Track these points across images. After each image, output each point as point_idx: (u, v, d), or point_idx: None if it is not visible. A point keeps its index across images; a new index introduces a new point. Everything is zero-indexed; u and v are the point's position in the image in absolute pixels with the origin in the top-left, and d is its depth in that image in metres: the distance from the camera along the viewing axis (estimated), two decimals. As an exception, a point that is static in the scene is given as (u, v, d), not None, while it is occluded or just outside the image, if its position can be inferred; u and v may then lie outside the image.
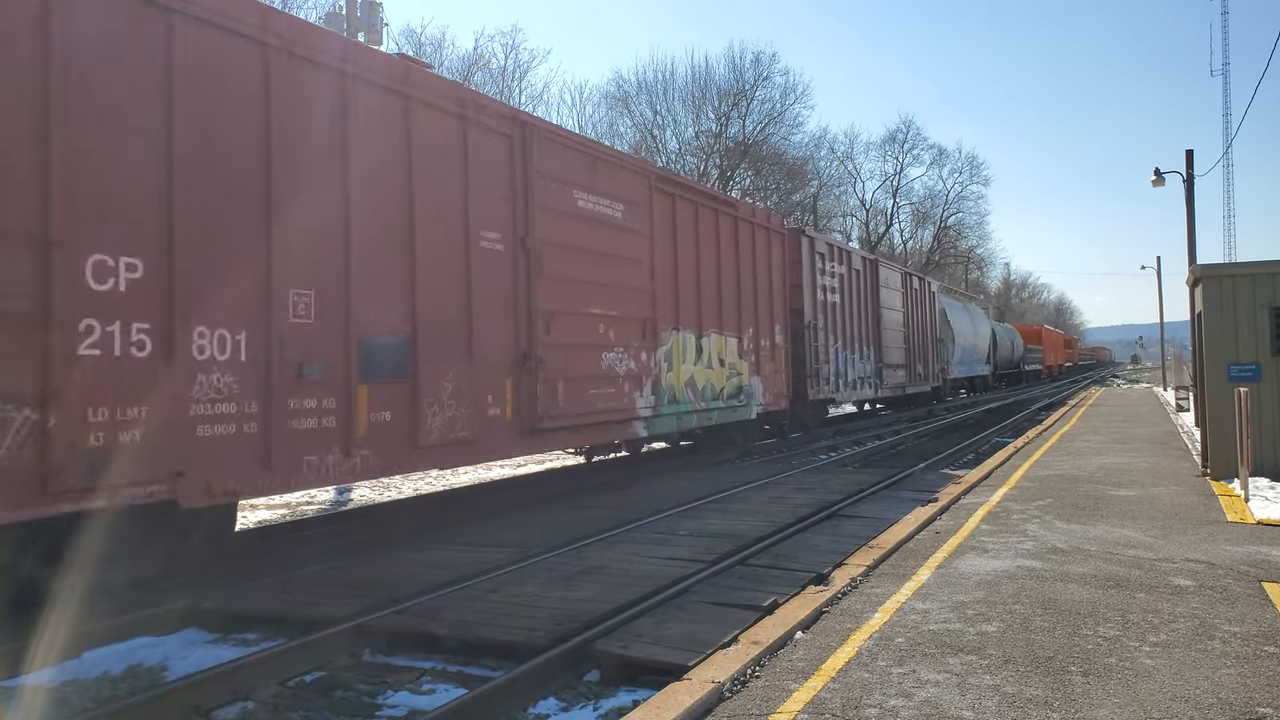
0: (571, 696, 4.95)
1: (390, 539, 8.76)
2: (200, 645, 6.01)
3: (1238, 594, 5.86)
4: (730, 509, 10.02)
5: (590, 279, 11.03)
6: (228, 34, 6.74)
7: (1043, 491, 10.37)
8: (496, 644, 5.48)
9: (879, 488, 11.51)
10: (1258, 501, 9.14)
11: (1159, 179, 25.40)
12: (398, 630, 5.80)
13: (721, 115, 44.78)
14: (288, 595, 6.68)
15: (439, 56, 35.30)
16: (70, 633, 5.57)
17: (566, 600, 6.22)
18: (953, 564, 6.81)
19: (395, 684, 5.18)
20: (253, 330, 6.81)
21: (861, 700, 4.18)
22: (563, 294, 10.44)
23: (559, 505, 10.65)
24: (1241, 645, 4.86)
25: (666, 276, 12.90)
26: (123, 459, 5.84)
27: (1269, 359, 10.69)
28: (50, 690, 5.11)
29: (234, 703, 4.94)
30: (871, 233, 61.83)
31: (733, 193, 41.63)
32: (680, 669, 4.73)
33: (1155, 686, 4.29)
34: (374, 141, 8.04)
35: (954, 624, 5.30)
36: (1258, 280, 10.83)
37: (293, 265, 7.16)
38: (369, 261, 7.89)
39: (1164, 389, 38.00)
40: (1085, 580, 6.26)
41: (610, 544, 8.18)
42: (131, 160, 6.07)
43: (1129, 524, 8.31)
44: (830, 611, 5.65)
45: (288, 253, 7.10)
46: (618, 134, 42.89)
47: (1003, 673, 4.51)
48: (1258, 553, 7.03)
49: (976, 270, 78.76)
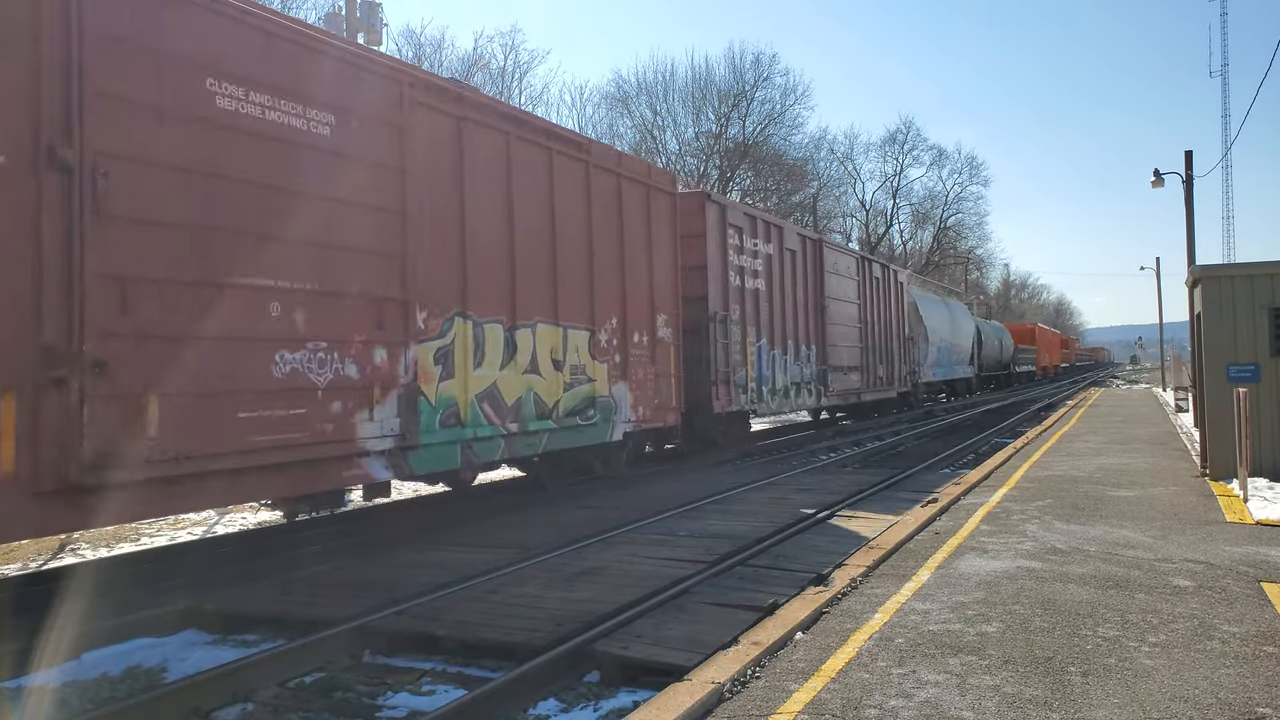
0: (572, 697, 4.96)
1: (390, 540, 8.77)
2: (200, 646, 6.01)
3: (1237, 594, 5.87)
4: (730, 509, 10.02)
5: (248, 228, 6.82)
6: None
7: (1042, 492, 10.37)
8: (496, 645, 5.49)
9: (879, 488, 11.52)
10: (1256, 502, 9.15)
11: (1158, 180, 25.42)
12: (398, 631, 5.80)
13: (721, 116, 44.79)
14: (287, 596, 6.69)
15: (439, 57, 35.32)
16: (70, 634, 5.57)
17: (567, 601, 6.23)
18: (953, 564, 6.81)
19: (395, 685, 5.18)
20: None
21: (862, 701, 4.18)
22: (169, 250, 6.24)
23: (559, 506, 10.66)
24: (1240, 645, 4.86)
25: (442, 237, 8.79)
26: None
27: (1268, 360, 10.70)
28: (50, 691, 5.11)
29: (234, 704, 4.94)
30: (871, 233, 61.84)
31: (732, 193, 41.66)
32: (680, 670, 4.73)
33: (1154, 687, 4.29)
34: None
35: (954, 624, 5.31)
36: (1257, 281, 10.83)
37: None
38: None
39: (1163, 390, 38.00)
40: (1085, 581, 6.27)
41: (610, 545, 8.18)
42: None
43: (1128, 524, 8.31)
44: (830, 612, 5.65)
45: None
46: (618, 134, 42.93)
47: (1003, 673, 4.51)
48: (1257, 553, 7.04)
49: (976, 271, 78.77)
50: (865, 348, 21.83)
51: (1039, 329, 62.98)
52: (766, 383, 16.39)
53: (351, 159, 7.82)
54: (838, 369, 19.97)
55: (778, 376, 16.95)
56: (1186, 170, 24.45)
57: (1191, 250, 23.34)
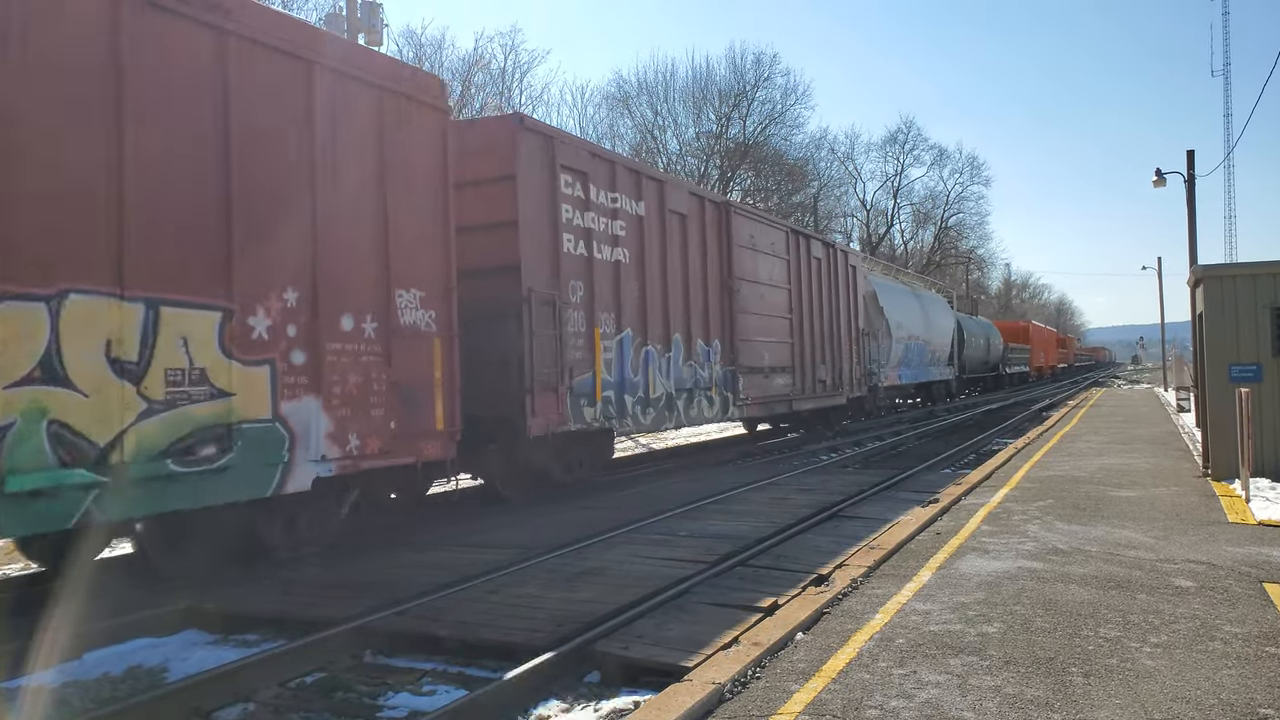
0: (572, 698, 4.95)
1: (390, 540, 8.76)
2: (201, 646, 6.01)
3: (1239, 595, 5.86)
4: (731, 510, 10.02)
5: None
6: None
7: (1044, 492, 10.36)
8: (497, 645, 5.48)
9: (880, 488, 11.51)
10: (1259, 502, 9.14)
11: (1160, 180, 25.42)
12: (398, 631, 5.80)
13: (722, 116, 44.82)
14: (288, 596, 6.69)
15: (439, 58, 35.30)
16: (71, 633, 5.58)
17: (567, 601, 6.22)
18: (954, 565, 6.80)
19: (396, 685, 5.18)
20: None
21: (862, 701, 4.18)
22: None
23: (559, 506, 10.65)
24: (1243, 646, 4.85)
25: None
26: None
27: (1270, 359, 10.68)
28: (51, 691, 5.11)
29: (235, 704, 4.94)
30: (872, 233, 61.87)
31: (733, 194, 41.64)
32: (681, 670, 4.73)
33: (1156, 687, 4.28)
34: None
35: (955, 625, 5.30)
36: (1259, 280, 10.82)
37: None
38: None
39: (1165, 390, 37.98)
40: (1086, 581, 6.26)
41: (611, 545, 8.18)
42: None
43: (1130, 525, 8.30)
44: (831, 612, 5.65)
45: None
46: (618, 134, 42.95)
47: (1004, 674, 4.51)
48: (1259, 553, 7.03)
49: (977, 271, 78.79)
50: (800, 344, 17.62)
51: (1033, 326, 59.80)
52: (634, 390, 12.08)
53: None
54: (755, 370, 15.69)
55: (654, 381, 12.57)
56: (1188, 170, 24.45)
57: (1193, 250, 23.33)
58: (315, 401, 7.45)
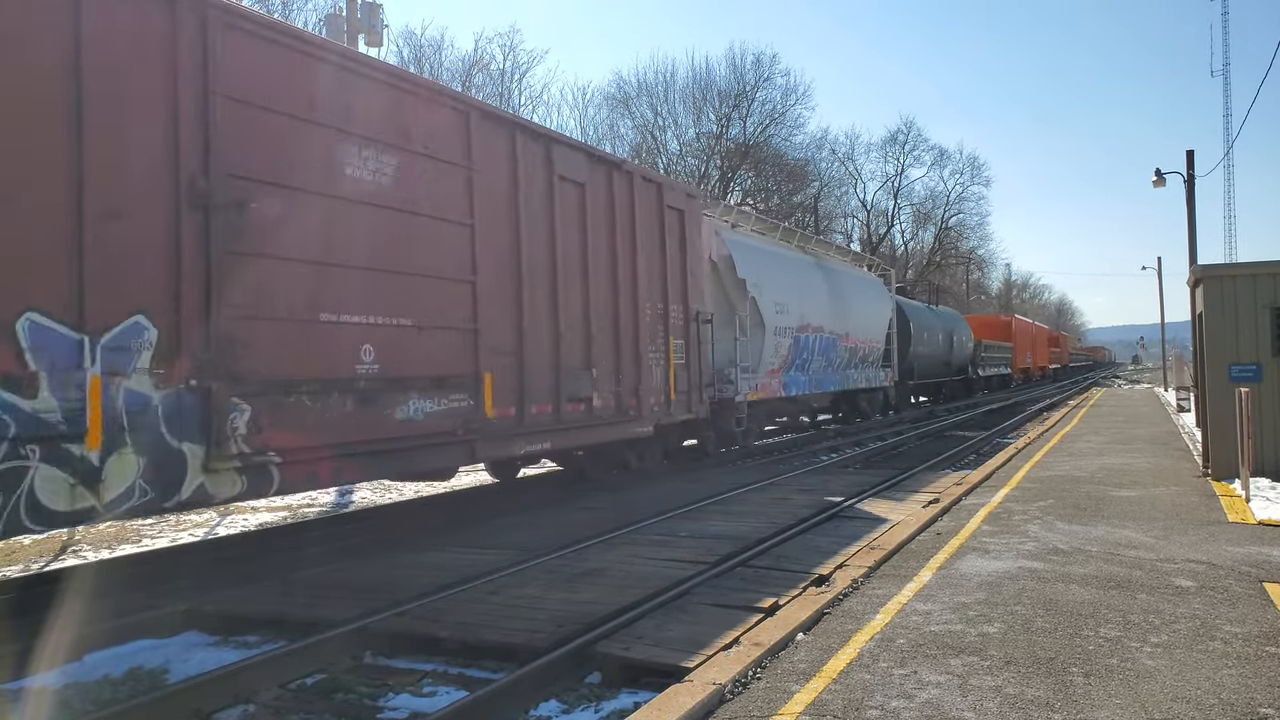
0: (573, 698, 4.95)
1: (391, 541, 8.77)
2: (201, 648, 6.01)
3: (1239, 594, 5.86)
4: (731, 510, 10.02)
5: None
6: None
7: (1044, 492, 10.36)
8: (498, 646, 5.48)
9: (880, 488, 11.51)
10: (1259, 502, 9.14)
11: (1160, 179, 25.43)
12: (399, 632, 5.79)
13: (722, 116, 44.85)
14: (288, 597, 6.68)
15: (438, 58, 35.33)
16: (72, 635, 5.58)
17: (568, 602, 6.22)
18: (954, 565, 6.80)
19: (396, 686, 5.18)
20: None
21: (863, 702, 4.18)
22: None
23: (560, 507, 10.65)
24: (1243, 646, 4.85)
25: None
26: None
27: (1270, 359, 10.69)
28: (52, 693, 5.12)
29: (235, 705, 4.94)
30: (873, 233, 61.85)
31: (734, 194, 41.66)
32: (681, 671, 4.73)
33: (1157, 687, 4.28)
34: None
35: (955, 625, 5.30)
36: (1259, 280, 10.82)
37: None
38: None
39: (1165, 389, 37.99)
40: (1086, 581, 6.26)
41: (611, 546, 8.18)
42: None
43: (1130, 525, 8.30)
44: (832, 613, 5.65)
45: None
46: (619, 135, 42.96)
47: (1004, 674, 4.51)
48: (1259, 553, 7.03)
49: (978, 271, 78.77)
50: (506, 330, 9.15)
51: (1016, 320, 51.20)
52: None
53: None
54: (298, 387, 6.80)
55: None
56: (1188, 170, 24.45)
57: (1193, 250, 23.33)
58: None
